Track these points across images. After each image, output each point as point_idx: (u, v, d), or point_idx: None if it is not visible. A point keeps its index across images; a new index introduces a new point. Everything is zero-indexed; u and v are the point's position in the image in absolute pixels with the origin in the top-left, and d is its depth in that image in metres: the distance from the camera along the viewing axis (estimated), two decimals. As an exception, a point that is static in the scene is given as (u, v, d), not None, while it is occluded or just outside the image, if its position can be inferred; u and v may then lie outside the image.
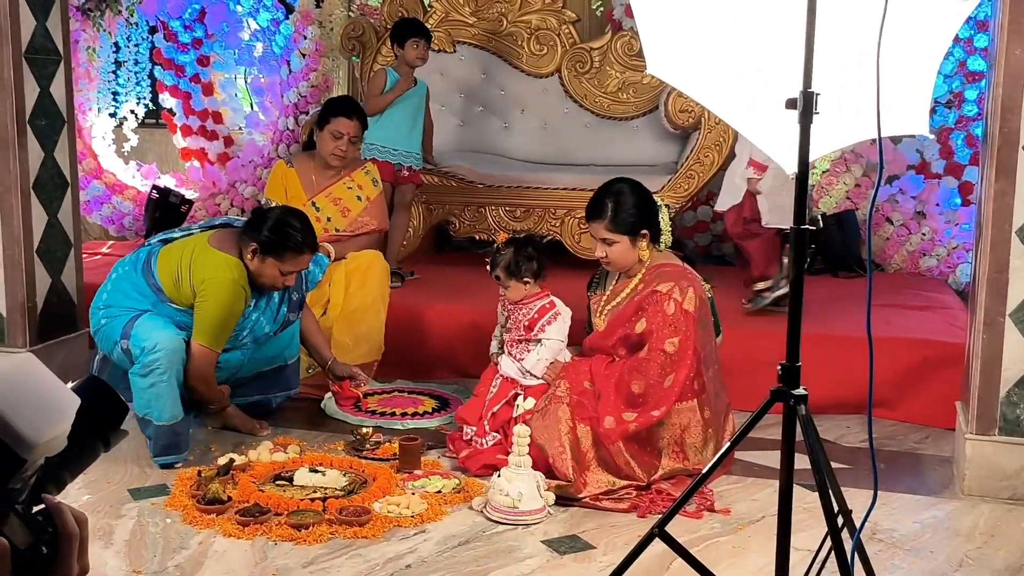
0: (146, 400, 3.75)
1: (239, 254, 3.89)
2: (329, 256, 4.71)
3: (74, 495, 3.42)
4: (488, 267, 3.98)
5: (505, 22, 6.42)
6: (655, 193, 4.05)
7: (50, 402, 0.99)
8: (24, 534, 1.01)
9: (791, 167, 2.61)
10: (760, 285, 4.88)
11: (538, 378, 3.84)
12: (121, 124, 7.61)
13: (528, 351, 3.88)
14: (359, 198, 4.92)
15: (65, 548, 1.04)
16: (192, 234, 4.04)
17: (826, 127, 2.52)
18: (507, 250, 3.91)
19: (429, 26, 6.07)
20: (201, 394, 3.99)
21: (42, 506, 1.05)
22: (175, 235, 4.10)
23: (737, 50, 2.69)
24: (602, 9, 6.94)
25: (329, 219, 4.84)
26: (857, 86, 2.50)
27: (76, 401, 1.02)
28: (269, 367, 4.31)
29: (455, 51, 6.50)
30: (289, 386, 4.40)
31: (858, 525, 2.58)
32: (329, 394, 4.50)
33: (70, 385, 1.06)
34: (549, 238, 5.59)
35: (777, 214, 4.63)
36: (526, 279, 3.90)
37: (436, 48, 6.38)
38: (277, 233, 3.84)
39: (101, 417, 1.08)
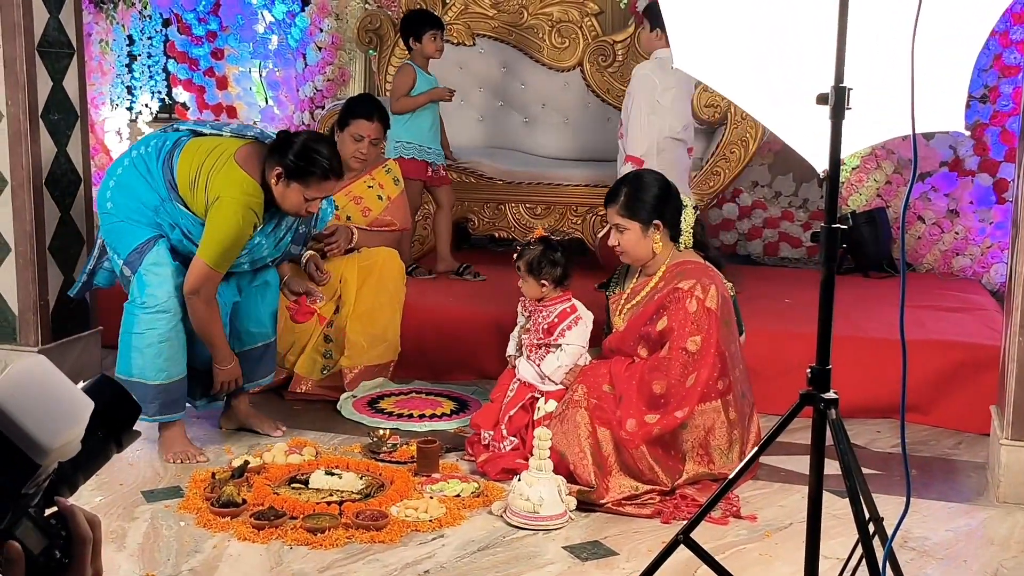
0: (143, 359, 3.73)
1: (261, 177, 3.74)
2: (353, 236, 4.65)
3: (86, 497, 3.38)
4: (515, 256, 3.93)
5: (526, 14, 6.34)
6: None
7: (63, 406, 0.99)
8: (38, 539, 1.03)
9: (821, 164, 2.54)
10: None
11: (557, 384, 3.76)
12: (135, 118, 7.57)
13: (547, 355, 3.80)
14: (380, 197, 4.86)
15: (79, 552, 1.06)
16: (222, 136, 3.89)
17: (858, 123, 2.45)
18: (536, 247, 3.86)
19: (447, 19, 6.01)
20: (202, 324, 3.80)
21: (55, 509, 1.06)
22: (205, 131, 3.94)
23: (766, 44, 2.63)
24: (626, 1, 6.85)
25: (349, 217, 4.77)
26: (890, 80, 2.42)
27: (90, 404, 1.01)
28: (254, 345, 4.13)
29: (475, 44, 6.42)
30: (269, 370, 4.24)
31: (890, 533, 2.51)
32: (346, 394, 4.45)
33: (81, 385, 1.05)
34: (568, 235, 5.50)
35: None
36: (543, 281, 3.84)
37: (455, 41, 6.32)
38: (303, 158, 3.69)
39: (114, 418, 1.08)
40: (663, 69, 4.76)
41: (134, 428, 1.11)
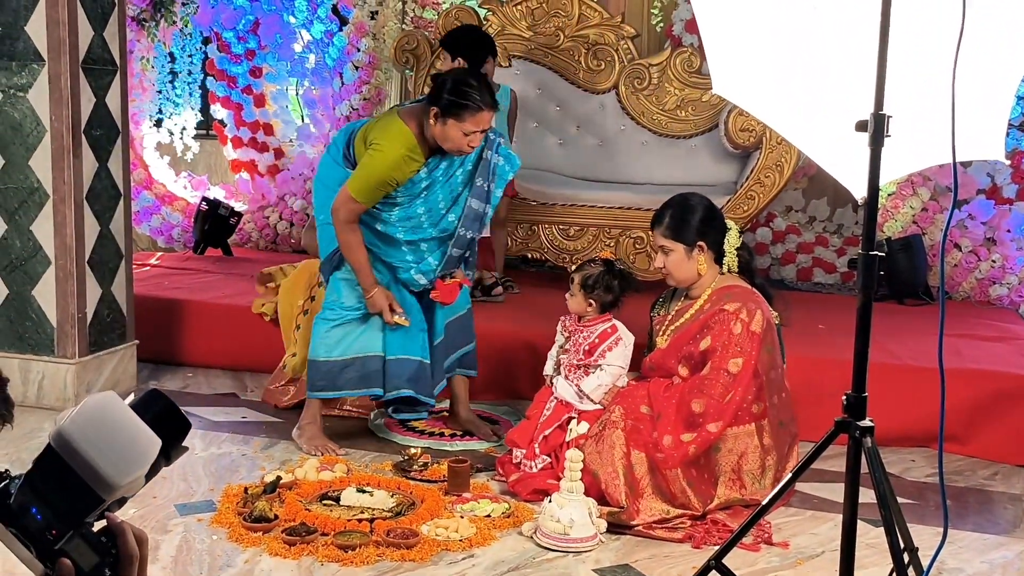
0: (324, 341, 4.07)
1: (420, 126, 3.89)
2: None
3: (121, 509, 3.39)
4: (573, 268, 3.96)
5: (562, 36, 6.36)
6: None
7: (133, 445, 1.02)
8: (90, 556, 1.05)
9: (858, 190, 2.54)
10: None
11: (595, 403, 3.76)
12: (172, 135, 7.66)
13: (586, 376, 3.80)
14: None
15: (126, 571, 1.08)
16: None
17: (896, 150, 2.44)
18: (597, 266, 3.89)
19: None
20: (343, 247, 4.00)
21: (104, 524, 1.09)
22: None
23: (805, 70, 2.63)
24: (662, 25, 6.87)
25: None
26: (929, 108, 2.42)
27: (157, 443, 1.04)
28: (457, 349, 4.28)
29: (510, 65, 6.45)
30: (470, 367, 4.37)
31: (925, 564, 2.49)
32: (375, 411, 4.46)
33: (131, 399, 1.07)
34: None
35: None
36: (591, 301, 3.85)
37: (492, 63, 6.34)
38: (455, 93, 3.81)
39: (164, 432, 1.08)
40: None
41: (183, 444, 1.12)
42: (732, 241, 3.72)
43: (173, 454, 1.11)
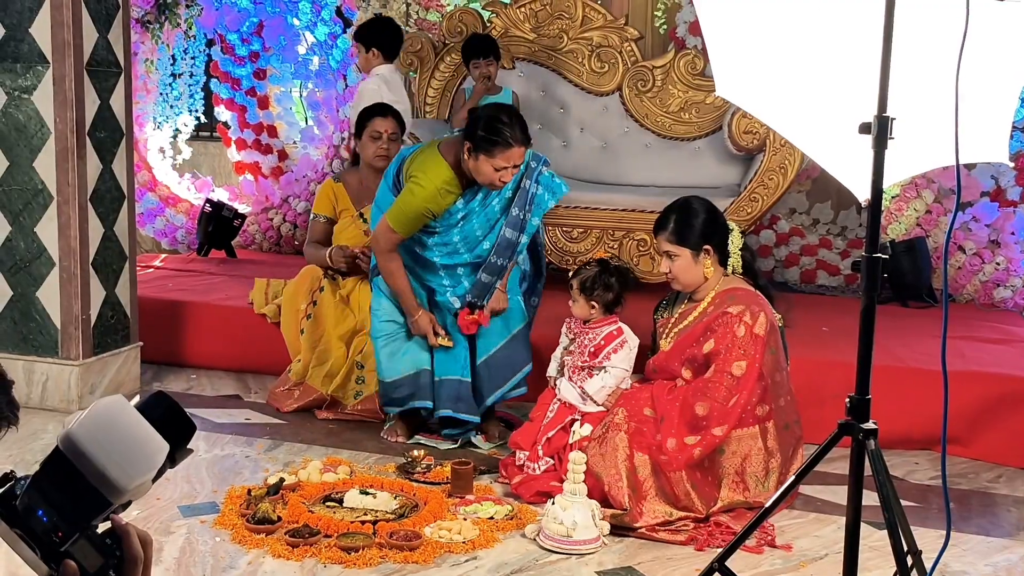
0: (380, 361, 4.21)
1: (457, 158, 3.99)
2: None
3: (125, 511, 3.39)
4: (570, 274, 3.97)
5: (565, 39, 6.36)
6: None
7: (141, 450, 1.04)
8: (95, 558, 1.06)
9: (862, 192, 2.53)
10: None
11: (599, 405, 3.76)
12: (176, 136, 7.66)
13: (590, 377, 3.80)
14: None
15: (131, 572, 1.09)
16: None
17: (900, 152, 2.44)
18: (593, 268, 3.89)
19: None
20: (386, 277, 4.14)
21: (109, 526, 1.09)
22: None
23: (809, 73, 2.63)
24: (665, 27, 6.87)
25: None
26: (933, 110, 2.42)
27: (165, 448, 1.06)
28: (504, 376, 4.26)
29: (514, 67, 6.45)
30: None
31: (928, 567, 2.49)
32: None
33: (136, 401, 1.08)
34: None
35: None
36: (593, 303, 3.85)
37: (495, 65, 6.35)
38: (486, 130, 3.89)
39: (168, 435, 1.09)
40: (387, 84, 5.57)
41: (188, 446, 1.13)
42: (736, 242, 3.72)
43: (178, 456, 1.12)
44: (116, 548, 1.09)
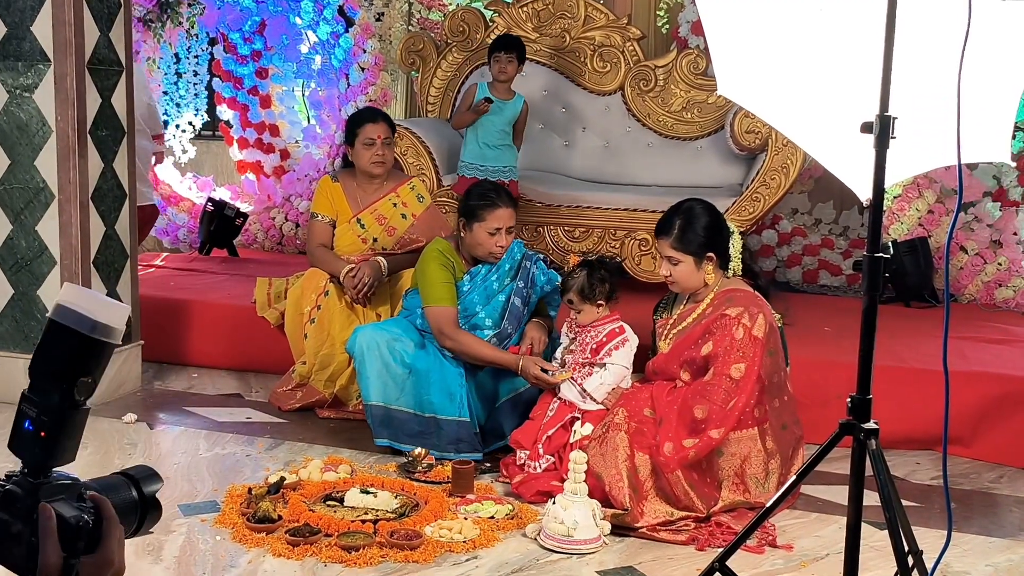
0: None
1: (456, 243, 4.23)
2: (382, 269, 4.67)
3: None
4: (560, 291, 3.95)
5: (568, 38, 6.36)
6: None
7: (108, 300, 1.16)
8: (71, 509, 1.12)
9: (864, 192, 2.53)
10: None
11: (598, 403, 3.76)
12: (177, 136, 7.67)
13: (591, 375, 3.80)
14: (404, 216, 4.85)
15: (109, 529, 1.14)
16: None
17: (902, 152, 2.44)
18: (580, 273, 3.87)
19: (487, 42, 6.03)
20: (465, 354, 4.10)
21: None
22: None
23: (811, 72, 2.63)
24: (668, 27, 6.87)
25: (375, 239, 4.80)
26: (935, 110, 2.41)
27: (126, 307, 1.18)
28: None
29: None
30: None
31: (929, 567, 2.48)
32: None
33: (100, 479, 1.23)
34: (620, 260, 5.48)
35: None
36: (599, 302, 3.85)
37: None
38: (471, 198, 4.15)
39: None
40: None
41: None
42: (736, 245, 3.71)
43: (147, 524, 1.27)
44: (93, 509, 1.14)
